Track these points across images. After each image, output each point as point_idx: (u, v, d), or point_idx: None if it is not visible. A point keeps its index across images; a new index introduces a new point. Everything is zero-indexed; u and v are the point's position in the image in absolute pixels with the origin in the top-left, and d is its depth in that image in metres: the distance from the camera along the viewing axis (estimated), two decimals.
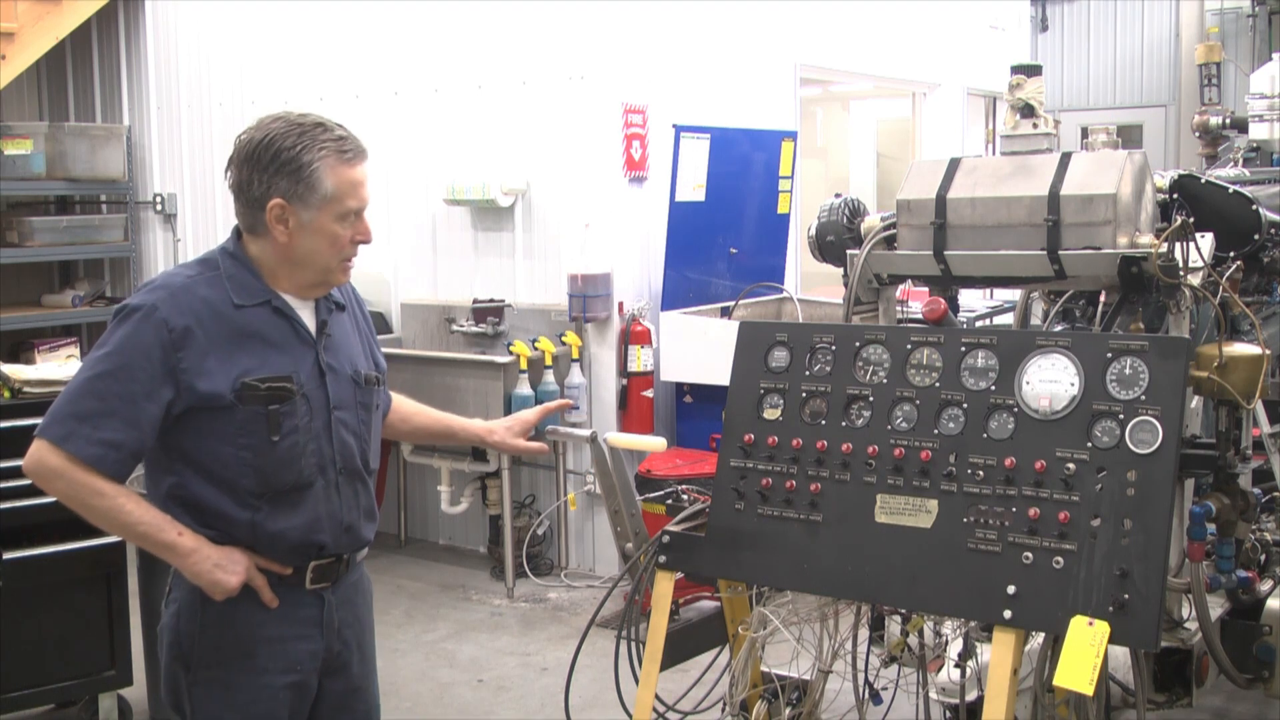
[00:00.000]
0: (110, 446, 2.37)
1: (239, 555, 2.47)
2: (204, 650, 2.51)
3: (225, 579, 2.44)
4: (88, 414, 2.37)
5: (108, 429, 2.37)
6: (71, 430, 2.36)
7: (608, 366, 6.37)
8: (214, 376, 2.43)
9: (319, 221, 2.49)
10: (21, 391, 4.32)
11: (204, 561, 2.43)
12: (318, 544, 2.55)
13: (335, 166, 2.48)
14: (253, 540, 2.49)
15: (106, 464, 2.37)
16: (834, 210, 3.66)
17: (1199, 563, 3.07)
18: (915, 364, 2.94)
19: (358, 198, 2.53)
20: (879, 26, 8.12)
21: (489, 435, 2.99)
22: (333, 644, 2.61)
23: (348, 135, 2.53)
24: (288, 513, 2.50)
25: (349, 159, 2.51)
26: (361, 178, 2.53)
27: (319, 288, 2.59)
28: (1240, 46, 12.96)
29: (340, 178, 2.49)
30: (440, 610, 6.00)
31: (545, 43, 6.43)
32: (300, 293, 2.57)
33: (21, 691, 4.28)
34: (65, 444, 2.36)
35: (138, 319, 2.42)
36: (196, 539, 2.44)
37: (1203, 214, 3.29)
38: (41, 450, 2.38)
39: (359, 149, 2.53)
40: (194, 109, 7.98)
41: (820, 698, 3.35)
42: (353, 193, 2.52)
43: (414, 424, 3.03)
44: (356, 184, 2.52)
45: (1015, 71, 3.81)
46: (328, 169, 2.47)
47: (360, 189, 2.53)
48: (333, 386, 2.57)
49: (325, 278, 2.57)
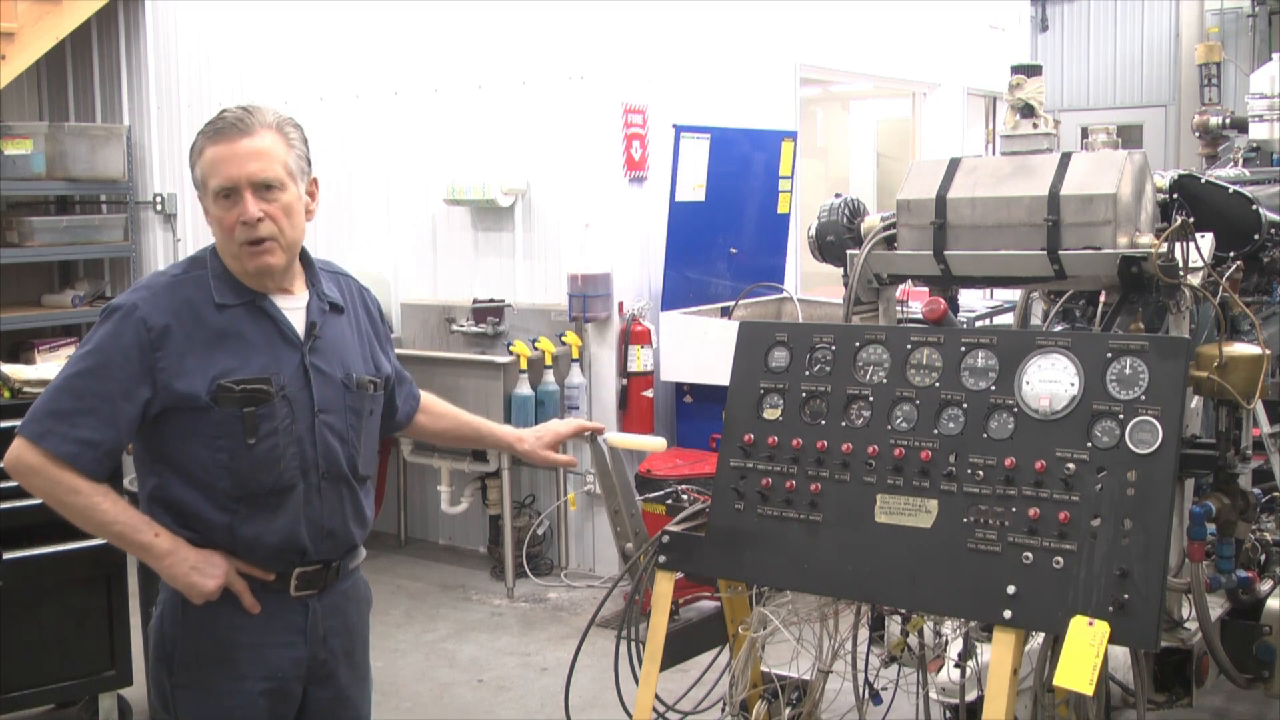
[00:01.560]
0: (86, 445, 2.36)
1: (218, 559, 2.45)
2: (185, 654, 2.50)
3: (202, 582, 2.42)
4: (65, 412, 2.37)
5: (84, 427, 2.36)
6: (49, 428, 2.36)
7: (608, 366, 6.37)
8: (191, 377, 2.40)
9: (208, 207, 2.47)
10: (21, 391, 4.33)
11: (180, 564, 2.42)
12: (298, 549, 2.51)
13: (204, 149, 2.44)
14: (231, 544, 2.46)
15: (82, 462, 2.36)
16: (834, 210, 3.66)
17: (1199, 563, 3.06)
18: (915, 364, 2.94)
19: (219, 176, 2.41)
20: (879, 26, 8.12)
21: (519, 444, 2.96)
22: (318, 652, 2.57)
23: (231, 113, 2.44)
24: (266, 516, 2.47)
25: (214, 137, 2.42)
26: (225, 154, 2.40)
27: (257, 279, 2.49)
28: (1240, 46, 12.97)
29: (205, 160, 2.43)
30: (440, 610, 6.00)
31: (545, 43, 6.43)
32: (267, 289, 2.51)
33: (21, 691, 4.28)
34: (42, 441, 2.36)
35: (118, 318, 2.41)
36: (174, 540, 2.43)
37: (1203, 214, 3.29)
38: (20, 447, 2.38)
39: (232, 125, 2.41)
40: (194, 109, 7.97)
41: (820, 698, 3.35)
42: (214, 171, 2.42)
43: (441, 425, 3.00)
44: (216, 162, 2.41)
45: (1015, 71, 3.81)
46: (199, 155, 2.44)
47: (221, 166, 2.40)
48: (319, 389, 2.52)
49: (242, 266, 2.48)
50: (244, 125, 2.42)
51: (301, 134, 2.54)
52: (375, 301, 2.80)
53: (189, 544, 2.44)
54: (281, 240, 2.47)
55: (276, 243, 2.46)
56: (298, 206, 2.49)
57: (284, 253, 2.49)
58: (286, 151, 2.47)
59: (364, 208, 7.15)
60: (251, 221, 2.42)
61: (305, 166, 2.53)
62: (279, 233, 2.45)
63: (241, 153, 2.41)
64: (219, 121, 2.44)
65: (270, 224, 2.44)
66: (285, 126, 2.49)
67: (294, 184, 2.48)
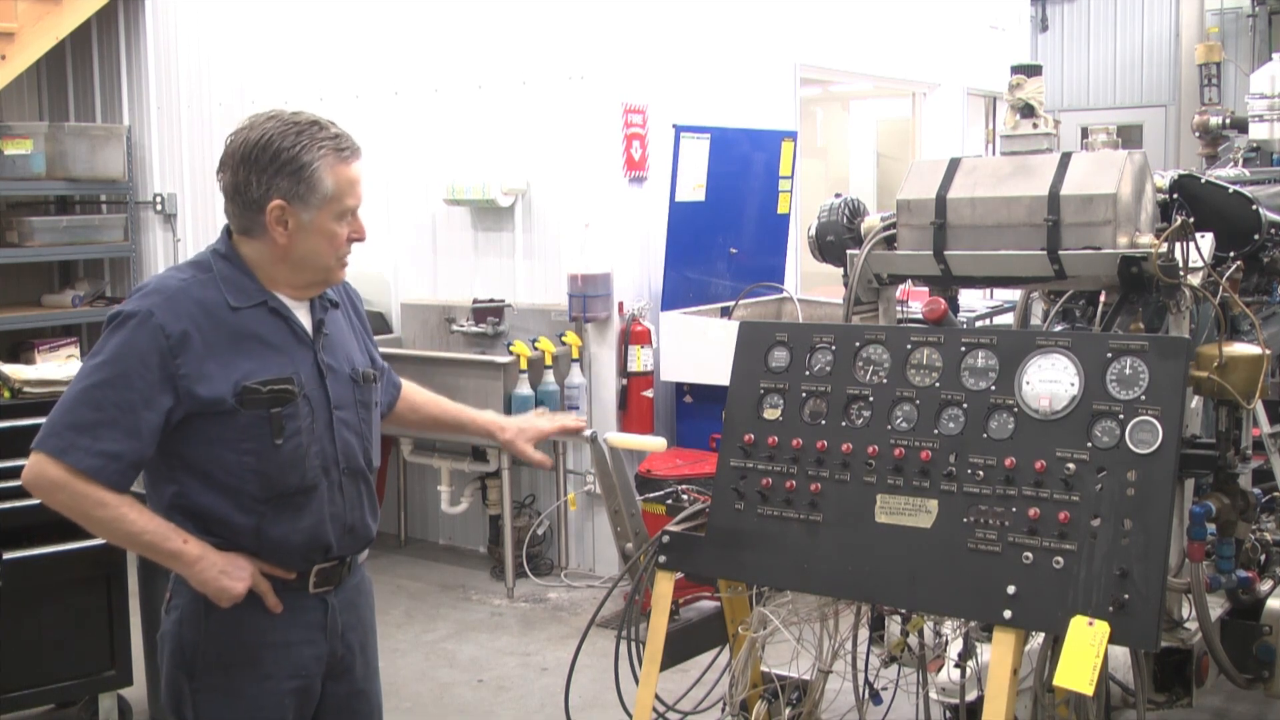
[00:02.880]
0: (110, 457, 2.33)
1: (243, 561, 2.45)
2: (208, 657, 2.49)
3: (231, 585, 2.42)
4: (86, 425, 2.33)
5: (107, 439, 2.33)
6: (70, 442, 2.32)
7: (608, 366, 6.37)
8: (214, 381, 2.39)
9: (318, 221, 2.47)
10: (21, 392, 4.32)
11: (210, 569, 2.41)
12: (323, 546, 2.53)
13: (334, 165, 2.46)
14: (257, 546, 2.46)
15: (107, 475, 2.33)
16: (834, 210, 3.66)
17: (1199, 563, 3.06)
18: (915, 364, 2.94)
19: (356, 196, 2.52)
20: (879, 26, 8.11)
21: (500, 432, 2.96)
22: (336, 647, 2.60)
23: (343, 133, 2.51)
24: (292, 516, 2.48)
25: (346, 157, 2.49)
26: (358, 175, 2.52)
27: (316, 287, 2.57)
28: (1240, 46, 12.96)
29: (339, 176, 2.47)
30: (440, 610, 6.00)
31: (545, 42, 6.43)
32: (296, 293, 2.54)
33: (21, 691, 4.28)
34: (65, 456, 2.31)
35: (133, 325, 2.37)
36: (202, 546, 2.42)
37: (1203, 214, 3.28)
38: (41, 463, 2.33)
39: (354, 147, 2.52)
40: (194, 109, 7.98)
41: (820, 698, 3.35)
42: (351, 191, 2.50)
43: (423, 413, 3.00)
44: (354, 182, 2.51)
45: (1015, 71, 3.81)
46: (327, 168, 2.45)
47: (357, 186, 2.52)
48: (332, 386, 2.54)
49: (324, 276, 2.56)
50: (358, 149, 2.53)
51: None
52: (357, 294, 2.83)
53: (214, 549, 2.43)
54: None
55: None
56: None
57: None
58: None
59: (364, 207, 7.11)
60: (364, 240, 2.57)
61: None
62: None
63: (360, 175, 2.53)
64: (342, 141, 2.49)
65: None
66: None
67: None
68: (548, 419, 3.03)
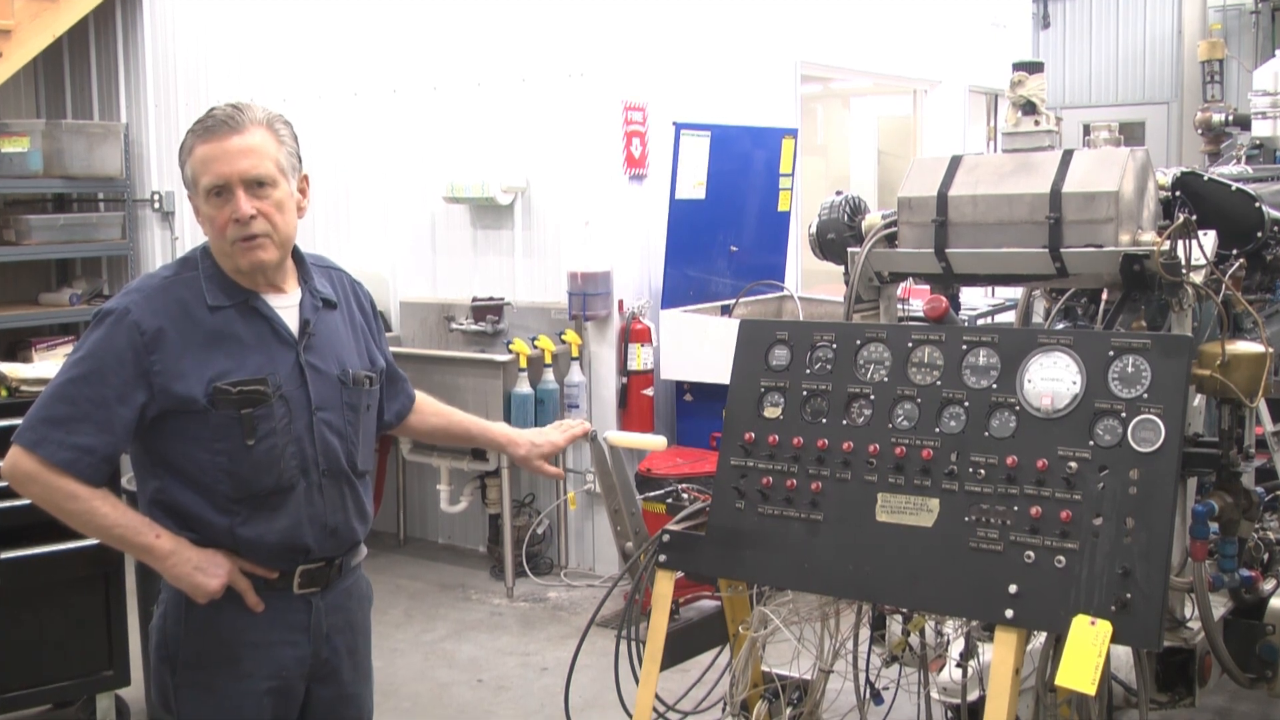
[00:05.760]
0: (83, 451, 2.35)
1: (220, 558, 2.44)
2: (188, 653, 2.49)
3: (205, 582, 2.42)
4: (60, 419, 2.36)
5: (80, 434, 2.35)
6: (44, 435, 2.35)
7: (608, 365, 6.35)
8: (188, 379, 2.39)
9: (199, 207, 2.45)
10: (19, 390, 4.32)
11: (183, 564, 2.41)
12: (301, 547, 2.51)
13: (194, 148, 2.42)
14: (233, 545, 2.46)
15: (79, 468, 2.36)
16: (835, 208, 3.65)
17: (1202, 562, 3.05)
18: (916, 362, 2.93)
19: (211, 173, 2.39)
20: (880, 23, 8.10)
21: (514, 449, 2.93)
22: (321, 650, 2.58)
23: (220, 111, 2.42)
24: (267, 517, 2.47)
25: (204, 135, 2.41)
26: (215, 152, 2.39)
27: (250, 276, 2.49)
28: (1243, 43, 12.95)
29: (196, 158, 2.42)
30: (439, 610, 5.99)
31: (545, 40, 6.41)
32: (259, 287, 2.50)
33: (19, 691, 4.27)
34: (38, 449, 2.35)
35: (110, 322, 2.40)
36: (175, 541, 2.42)
37: (1205, 211, 3.27)
38: (16, 455, 2.37)
39: (222, 122, 2.40)
40: (192, 106, 7.95)
41: (821, 697, 3.34)
42: (205, 169, 2.40)
43: (430, 425, 2.98)
44: (208, 160, 2.40)
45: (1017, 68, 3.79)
46: (189, 153, 2.43)
47: (213, 164, 2.39)
48: (315, 387, 2.51)
49: (233, 264, 2.47)
50: (234, 123, 2.41)
51: (291, 131, 2.53)
52: (368, 295, 2.79)
53: (191, 544, 2.43)
54: (275, 237, 2.46)
55: (269, 239, 2.45)
56: (289, 203, 2.49)
57: (277, 249, 2.47)
58: (277, 148, 2.46)
59: (363, 206, 7.13)
60: (244, 219, 2.41)
61: (296, 163, 2.53)
62: (272, 229, 2.45)
63: (232, 150, 2.40)
64: (208, 120, 2.43)
65: (263, 221, 2.43)
66: (275, 123, 2.48)
67: (285, 180, 2.47)
68: (560, 432, 2.99)
